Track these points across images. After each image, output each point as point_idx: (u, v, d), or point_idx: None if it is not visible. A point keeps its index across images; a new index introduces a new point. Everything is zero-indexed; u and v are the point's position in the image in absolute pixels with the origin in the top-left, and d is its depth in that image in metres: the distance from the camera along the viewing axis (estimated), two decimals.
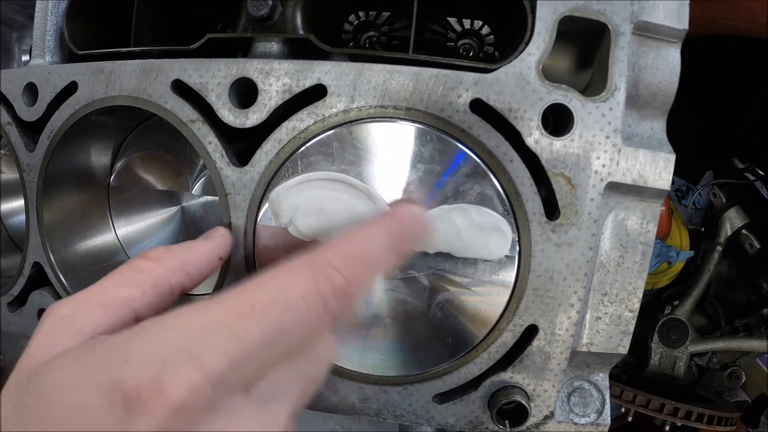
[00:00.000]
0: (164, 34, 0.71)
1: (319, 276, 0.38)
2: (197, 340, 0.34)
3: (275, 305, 0.36)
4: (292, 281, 0.38)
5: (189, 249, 0.48)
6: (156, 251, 0.46)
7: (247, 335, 0.35)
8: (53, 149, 0.66)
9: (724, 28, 0.97)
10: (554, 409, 0.59)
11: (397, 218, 0.46)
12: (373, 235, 0.44)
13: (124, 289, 0.43)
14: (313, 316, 0.38)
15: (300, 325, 0.37)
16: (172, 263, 0.45)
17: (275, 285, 0.37)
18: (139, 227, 0.80)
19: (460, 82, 0.54)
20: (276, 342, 0.36)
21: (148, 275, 0.44)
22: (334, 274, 0.39)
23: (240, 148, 0.60)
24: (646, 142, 0.56)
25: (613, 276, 0.58)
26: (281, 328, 0.36)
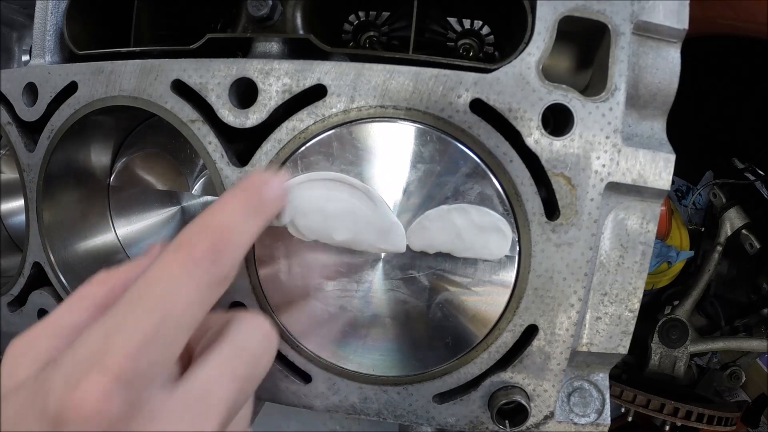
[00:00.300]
0: (164, 34, 0.71)
1: (181, 252, 0.41)
2: (98, 348, 0.37)
3: (152, 290, 0.39)
4: (161, 266, 0.41)
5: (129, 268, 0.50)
6: (98, 276, 0.49)
7: (138, 326, 0.37)
8: (53, 149, 0.66)
9: (724, 28, 0.97)
10: (554, 409, 0.59)
11: (245, 186, 0.49)
12: (223, 206, 0.46)
13: (73, 316, 0.45)
14: (190, 286, 0.40)
15: (183, 299, 0.40)
16: (112, 284, 0.48)
17: (148, 276, 0.40)
18: (139, 227, 0.80)
19: (460, 82, 0.54)
20: (168, 322, 0.38)
21: (91, 300, 0.47)
22: (195, 244, 0.42)
23: (240, 148, 0.60)
24: (646, 142, 0.56)
25: (613, 276, 0.58)
26: (166, 307, 0.39)
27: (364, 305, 0.57)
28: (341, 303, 0.57)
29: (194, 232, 0.43)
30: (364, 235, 0.54)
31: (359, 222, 0.54)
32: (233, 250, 0.44)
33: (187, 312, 0.40)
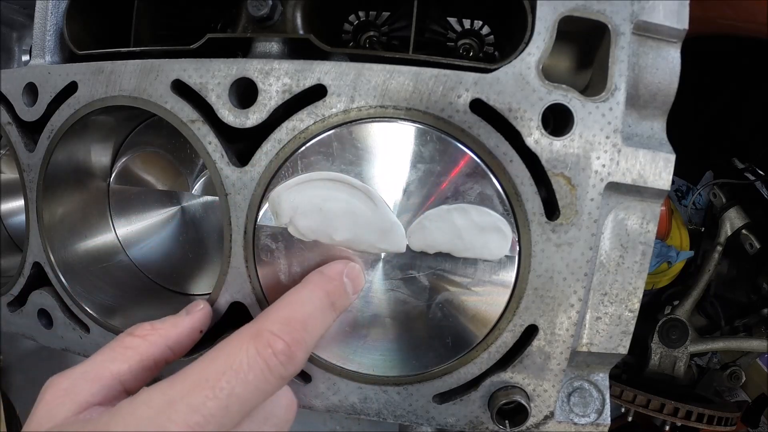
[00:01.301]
0: (164, 34, 0.71)
1: (260, 343, 0.44)
2: (162, 414, 0.40)
3: (224, 374, 0.42)
4: (238, 351, 0.44)
5: (173, 325, 0.54)
6: (142, 328, 0.52)
7: (203, 405, 0.41)
8: (53, 149, 0.66)
9: (724, 28, 0.97)
10: (554, 409, 0.59)
11: (331, 276, 0.53)
12: (307, 296, 0.50)
13: (115, 365, 0.49)
14: (260, 380, 0.43)
15: (249, 390, 0.43)
16: (156, 339, 0.51)
17: (223, 357, 0.44)
18: (139, 227, 0.80)
19: (460, 82, 0.54)
20: (230, 406, 0.42)
21: (134, 351, 0.50)
22: (274, 339, 0.45)
23: (240, 148, 0.60)
24: (646, 142, 0.56)
25: (613, 276, 0.58)
26: (232, 394, 0.42)
27: (364, 305, 0.57)
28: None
29: (276, 321, 0.46)
30: (364, 235, 0.54)
31: (359, 222, 0.54)
32: (307, 350, 0.47)
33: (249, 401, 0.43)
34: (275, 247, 0.57)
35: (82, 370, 0.48)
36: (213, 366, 0.43)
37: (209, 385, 0.41)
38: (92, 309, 0.69)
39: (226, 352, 0.44)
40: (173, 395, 0.41)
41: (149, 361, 0.51)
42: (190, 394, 0.41)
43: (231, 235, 0.59)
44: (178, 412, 0.40)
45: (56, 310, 0.71)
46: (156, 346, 0.51)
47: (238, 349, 0.44)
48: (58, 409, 0.45)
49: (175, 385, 0.42)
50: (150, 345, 0.51)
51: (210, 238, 0.78)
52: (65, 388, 0.46)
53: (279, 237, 0.57)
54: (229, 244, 0.59)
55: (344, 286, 0.53)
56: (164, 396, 0.41)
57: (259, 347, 0.44)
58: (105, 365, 0.48)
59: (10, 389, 1.71)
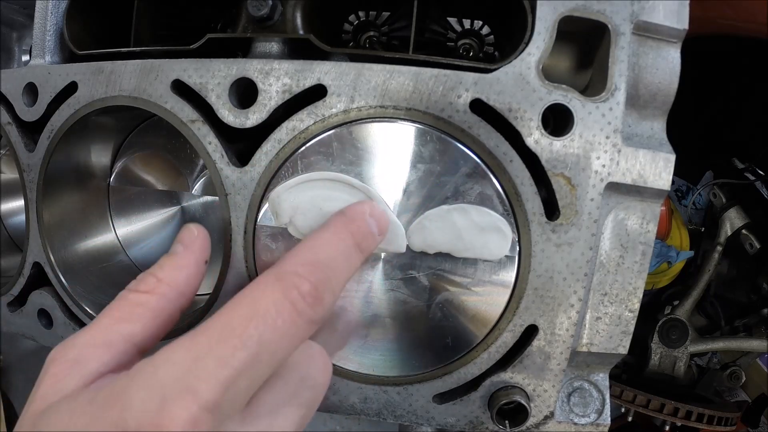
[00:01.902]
0: (164, 34, 0.71)
1: (285, 285, 0.41)
2: (189, 372, 0.36)
3: (251, 321, 0.38)
4: (262, 295, 0.40)
5: (176, 268, 0.48)
6: (146, 283, 0.46)
7: (232, 357, 0.37)
8: (53, 149, 0.66)
9: (724, 28, 0.97)
10: (554, 409, 0.59)
11: (353, 217, 0.49)
12: (330, 238, 0.46)
13: (124, 326, 0.44)
14: (288, 324, 0.39)
15: (278, 335, 0.39)
16: (165, 290, 0.46)
17: (246, 303, 0.40)
18: (139, 227, 0.80)
19: (460, 82, 0.54)
20: (260, 355, 0.38)
21: (145, 308, 0.45)
22: (299, 280, 0.41)
23: (240, 148, 0.60)
24: (646, 142, 0.56)
25: (613, 276, 0.58)
26: (262, 341, 0.38)
27: (364, 305, 0.57)
28: (341, 303, 0.57)
29: (300, 263, 0.43)
30: None
31: None
32: (334, 292, 0.43)
33: (280, 349, 0.39)
34: (275, 247, 0.57)
35: (89, 336, 0.43)
36: (237, 314, 0.39)
37: (236, 334, 0.37)
38: (92, 309, 0.69)
39: (250, 298, 0.40)
40: (198, 350, 0.37)
41: (164, 316, 0.46)
42: (217, 347, 0.37)
43: (231, 235, 0.59)
44: (207, 367, 0.36)
45: (56, 310, 0.71)
46: (167, 298, 0.46)
47: (262, 294, 0.40)
48: (66, 381, 0.40)
49: (198, 339, 0.38)
50: (160, 298, 0.45)
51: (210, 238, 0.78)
52: (72, 358, 0.41)
53: (279, 237, 0.57)
54: (229, 244, 0.59)
55: (369, 226, 0.49)
56: (188, 352, 0.37)
57: (284, 290, 0.40)
58: (113, 328, 0.43)
59: (10, 389, 1.71)
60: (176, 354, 0.37)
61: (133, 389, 0.36)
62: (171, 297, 0.46)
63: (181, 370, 0.36)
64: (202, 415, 0.35)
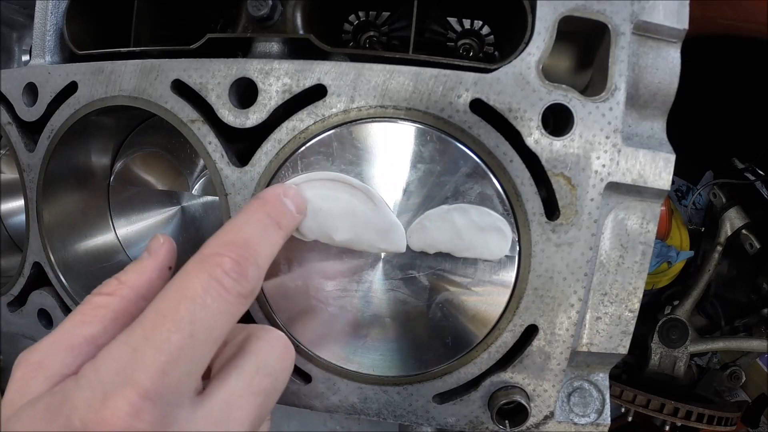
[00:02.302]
0: (164, 34, 0.71)
1: (208, 265, 0.41)
2: (126, 364, 0.37)
3: (180, 304, 0.39)
4: (188, 279, 0.41)
5: (138, 272, 0.49)
6: (109, 285, 0.48)
7: (167, 341, 0.37)
8: (53, 149, 0.66)
9: (724, 28, 0.97)
10: (554, 409, 0.59)
11: (267, 198, 0.50)
12: (245, 219, 0.47)
13: (86, 328, 0.44)
14: (218, 301, 0.40)
15: (211, 313, 0.40)
16: (127, 293, 0.47)
17: (174, 290, 0.40)
18: (139, 227, 0.80)
19: (460, 82, 0.54)
20: (195, 334, 0.39)
21: (107, 310, 0.45)
22: (220, 259, 0.42)
23: (240, 148, 0.60)
24: (646, 142, 0.56)
25: (613, 276, 0.58)
26: (194, 320, 0.39)
27: (365, 305, 0.57)
28: (341, 303, 0.57)
29: (218, 245, 0.43)
30: (364, 235, 0.54)
31: (359, 222, 0.54)
32: (258, 266, 0.44)
33: (215, 326, 0.40)
34: None
35: (51, 340, 0.44)
36: (166, 301, 0.40)
37: (168, 319, 0.38)
38: None
39: (176, 285, 0.41)
40: (135, 342, 0.38)
41: (125, 318, 0.46)
42: (151, 335, 0.38)
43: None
44: (144, 356, 0.36)
45: (56, 310, 0.71)
46: (128, 300, 0.46)
47: (188, 278, 0.41)
48: (30, 385, 0.41)
49: (134, 331, 0.39)
50: (122, 300, 0.46)
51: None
52: (36, 362, 0.42)
53: None
54: None
55: (285, 206, 0.50)
56: (126, 345, 0.38)
57: (208, 270, 0.41)
58: (75, 331, 0.44)
59: None
60: (115, 349, 0.38)
61: (77, 390, 0.37)
62: (132, 299, 0.47)
63: (120, 364, 0.37)
64: (144, 404, 0.35)
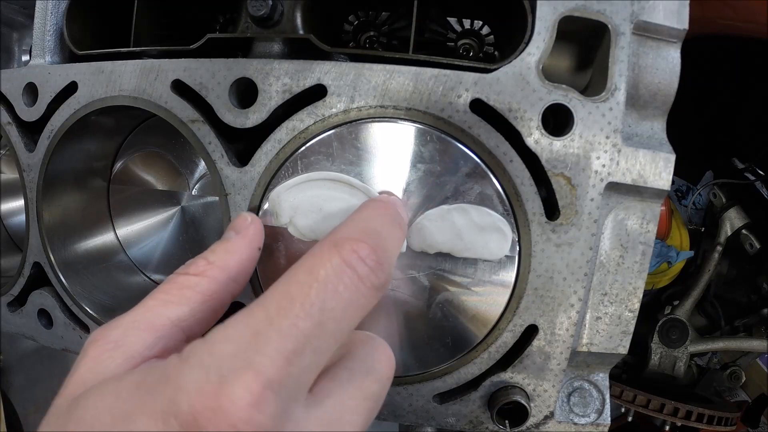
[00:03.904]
0: (164, 34, 0.71)
1: (343, 250, 0.37)
2: (248, 347, 0.32)
3: (311, 288, 0.35)
4: (319, 262, 0.37)
5: (227, 252, 0.45)
6: (196, 265, 0.44)
7: (295, 326, 0.33)
8: (53, 149, 0.66)
9: (724, 28, 0.97)
10: (554, 409, 0.59)
11: (382, 199, 0.48)
12: (370, 213, 0.44)
13: (172, 308, 0.41)
14: (352, 290, 0.36)
15: (343, 303, 0.36)
16: (216, 274, 0.43)
17: (304, 271, 0.36)
18: (139, 227, 0.80)
19: (460, 82, 0.54)
20: (324, 324, 0.34)
21: (194, 291, 0.42)
22: (358, 245, 0.38)
23: (240, 148, 0.60)
24: (646, 142, 0.56)
25: (613, 276, 0.58)
26: (324, 309, 0.35)
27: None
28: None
29: (354, 230, 0.40)
30: None
31: None
32: (391, 261, 0.40)
33: (344, 318, 0.36)
34: (275, 247, 0.57)
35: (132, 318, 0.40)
36: (296, 283, 0.35)
37: (297, 303, 0.34)
38: (92, 309, 0.69)
39: (306, 266, 0.36)
40: (256, 324, 0.33)
41: (214, 301, 0.42)
42: (277, 318, 0.33)
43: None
44: (269, 341, 0.32)
45: (56, 310, 0.71)
46: (218, 282, 0.43)
47: (319, 261, 0.36)
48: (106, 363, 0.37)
49: (256, 312, 0.34)
50: (211, 281, 0.42)
51: (210, 238, 0.78)
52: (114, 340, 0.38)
53: (279, 237, 0.57)
54: None
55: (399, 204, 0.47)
56: (246, 327, 0.33)
57: (343, 255, 0.37)
58: (159, 311, 0.40)
59: (10, 389, 1.72)
60: (232, 330, 0.34)
61: (185, 370, 0.32)
62: (222, 281, 0.43)
63: (239, 347, 0.32)
64: (266, 395, 0.31)
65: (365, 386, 0.39)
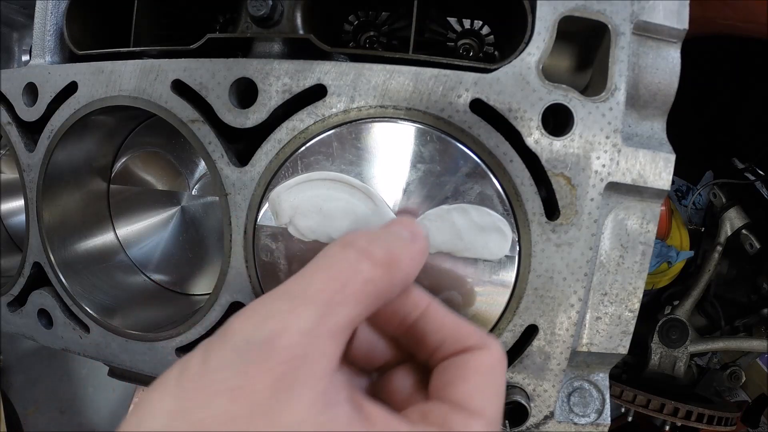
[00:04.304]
0: (164, 34, 0.71)
1: (356, 251, 0.37)
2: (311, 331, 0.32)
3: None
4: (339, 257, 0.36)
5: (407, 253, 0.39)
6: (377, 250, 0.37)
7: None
8: (53, 149, 0.66)
9: (724, 28, 0.97)
10: (554, 409, 0.59)
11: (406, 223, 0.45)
12: (402, 230, 0.42)
13: (353, 308, 0.35)
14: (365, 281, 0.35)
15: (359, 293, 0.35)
16: (397, 275, 0.38)
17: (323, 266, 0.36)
18: (139, 227, 0.80)
19: (460, 82, 0.54)
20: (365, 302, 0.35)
21: (374, 287, 0.36)
22: (371, 248, 0.37)
23: (240, 148, 0.60)
24: (646, 142, 0.56)
25: (613, 276, 0.58)
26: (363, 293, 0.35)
27: None
28: None
29: (365, 240, 0.38)
30: None
31: (359, 222, 0.54)
32: (404, 272, 0.38)
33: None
34: (275, 247, 0.57)
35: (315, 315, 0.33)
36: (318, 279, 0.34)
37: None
38: (92, 309, 0.69)
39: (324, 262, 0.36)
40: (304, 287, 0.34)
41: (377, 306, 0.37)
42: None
43: (231, 235, 0.59)
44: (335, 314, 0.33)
45: (56, 310, 0.71)
46: (393, 286, 0.37)
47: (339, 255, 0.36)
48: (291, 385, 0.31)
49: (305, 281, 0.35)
50: (391, 280, 0.37)
51: (210, 238, 0.78)
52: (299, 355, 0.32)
53: (279, 237, 0.57)
54: (229, 244, 0.59)
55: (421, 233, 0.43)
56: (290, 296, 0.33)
57: (357, 255, 0.36)
58: (344, 309, 0.34)
59: (10, 389, 1.72)
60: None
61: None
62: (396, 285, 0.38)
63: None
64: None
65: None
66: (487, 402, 0.36)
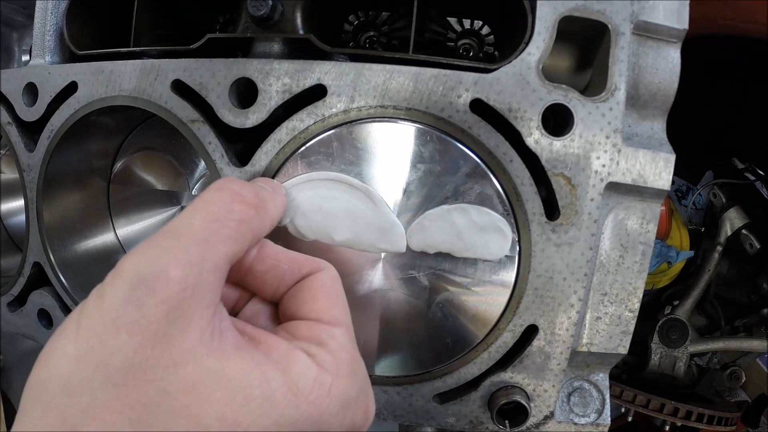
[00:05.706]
0: (164, 34, 0.71)
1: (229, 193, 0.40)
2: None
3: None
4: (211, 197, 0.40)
5: (276, 193, 0.46)
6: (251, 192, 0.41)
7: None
8: (53, 149, 0.66)
9: (724, 28, 0.97)
10: (554, 409, 0.59)
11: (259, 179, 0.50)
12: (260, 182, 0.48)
13: (230, 245, 0.38)
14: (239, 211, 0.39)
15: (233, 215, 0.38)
16: (265, 218, 0.42)
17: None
18: (139, 227, 0.80)
19: (460, 82, 0.54)
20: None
21: (248, 227, 0.40)
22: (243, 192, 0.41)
23: (240, 148, 0.60)
24: (646, 142, 0.56)
25: (613, 276, 0.58)
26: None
27: (364, 305, 0.57)
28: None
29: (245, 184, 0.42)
30: (364, 235, 0.54)
31: (359, 222, 0.54)
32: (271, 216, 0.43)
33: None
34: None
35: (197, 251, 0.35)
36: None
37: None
38: None
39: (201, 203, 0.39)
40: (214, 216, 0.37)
41: (254, 243, 0.41)
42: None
43: None
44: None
45: (56, 310, 0.71)
46: (264, 225, 0.41)
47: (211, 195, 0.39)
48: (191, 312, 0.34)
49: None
50: (261, 222, 0.41)
51: None
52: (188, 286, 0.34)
53: (279, 237, 0.57)
54: None
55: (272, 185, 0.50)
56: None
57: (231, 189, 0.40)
58: (221, 250, 0.37)
59: (10, 389, 1.72)
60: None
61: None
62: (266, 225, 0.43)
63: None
64: None
65: None
66: (339, 312, 0.41)
